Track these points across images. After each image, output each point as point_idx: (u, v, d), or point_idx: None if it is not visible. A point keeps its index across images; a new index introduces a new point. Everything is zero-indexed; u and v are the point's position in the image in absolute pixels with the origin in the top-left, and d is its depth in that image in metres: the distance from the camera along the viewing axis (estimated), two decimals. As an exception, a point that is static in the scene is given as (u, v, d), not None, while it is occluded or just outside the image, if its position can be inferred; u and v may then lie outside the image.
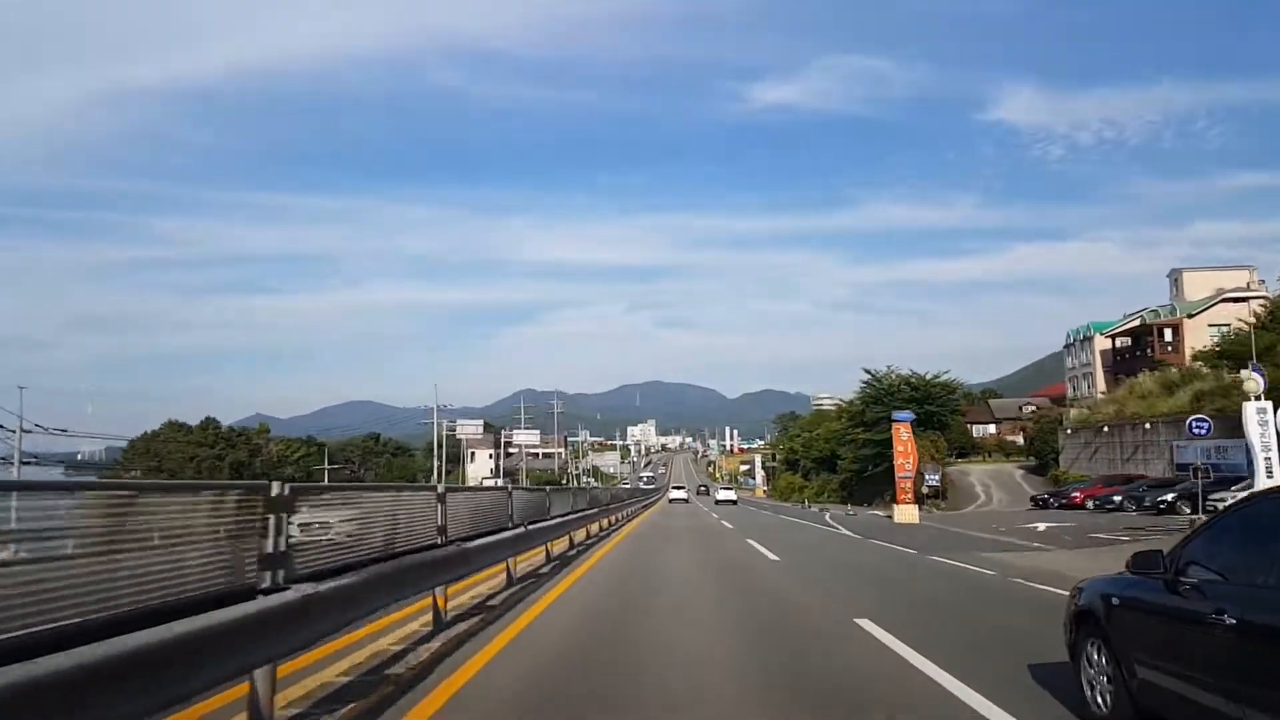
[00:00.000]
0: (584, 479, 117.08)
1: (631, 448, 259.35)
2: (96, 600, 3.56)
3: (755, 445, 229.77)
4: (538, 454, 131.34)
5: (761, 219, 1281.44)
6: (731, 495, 75.52)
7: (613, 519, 32.02)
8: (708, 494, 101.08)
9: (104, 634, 3.43)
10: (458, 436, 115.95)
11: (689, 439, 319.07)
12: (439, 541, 8.73)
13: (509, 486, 16.92)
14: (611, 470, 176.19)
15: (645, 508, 53.88)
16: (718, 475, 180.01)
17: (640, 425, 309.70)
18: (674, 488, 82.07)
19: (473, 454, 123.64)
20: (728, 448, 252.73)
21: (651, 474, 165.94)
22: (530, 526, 13.85)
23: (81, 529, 3.74)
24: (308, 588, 5.16)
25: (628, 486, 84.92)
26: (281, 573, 5.10)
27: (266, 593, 4.86)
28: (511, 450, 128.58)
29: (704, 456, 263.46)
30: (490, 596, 11.49)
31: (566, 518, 19.30)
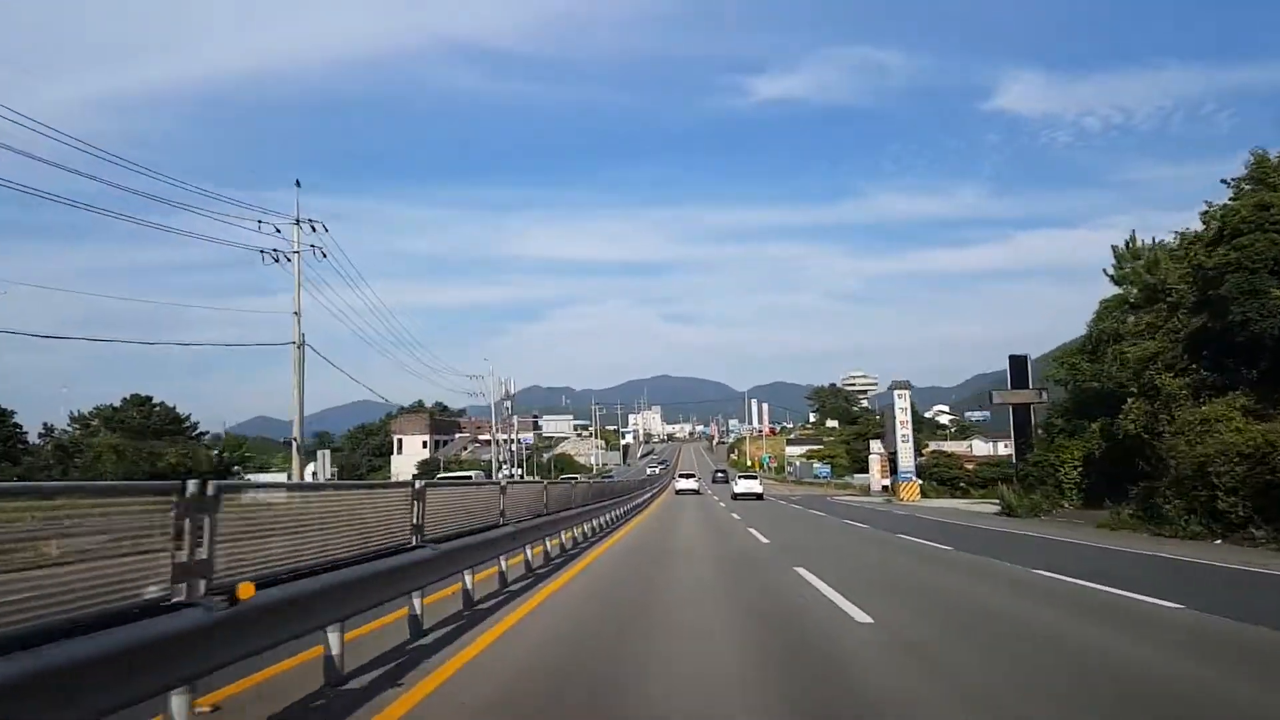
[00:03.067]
0: (510, 472, 73.67)
1: (630, 436, 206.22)
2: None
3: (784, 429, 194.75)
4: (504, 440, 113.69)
5: (767, 211, 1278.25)
6: (755, 486, 56.73)
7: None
8: (725, 482, 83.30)
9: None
10: (390, 431, 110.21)
11: (700, 427, 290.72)
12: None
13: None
14: (597, 461, 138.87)
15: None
16: (743, 462, 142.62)
17: (644, 413, 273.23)
18: (680, 476, 68.31)
19: (400, 442, 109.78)
20: (755, 429, 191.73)
21: (659, 462, 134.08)
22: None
23: None
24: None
25: (611, 480, 51.20)
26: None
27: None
28: (459, 435, 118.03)
29: (720, 442, 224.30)
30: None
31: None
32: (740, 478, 63.52)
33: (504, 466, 71.03)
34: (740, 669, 7.16)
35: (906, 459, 62.59)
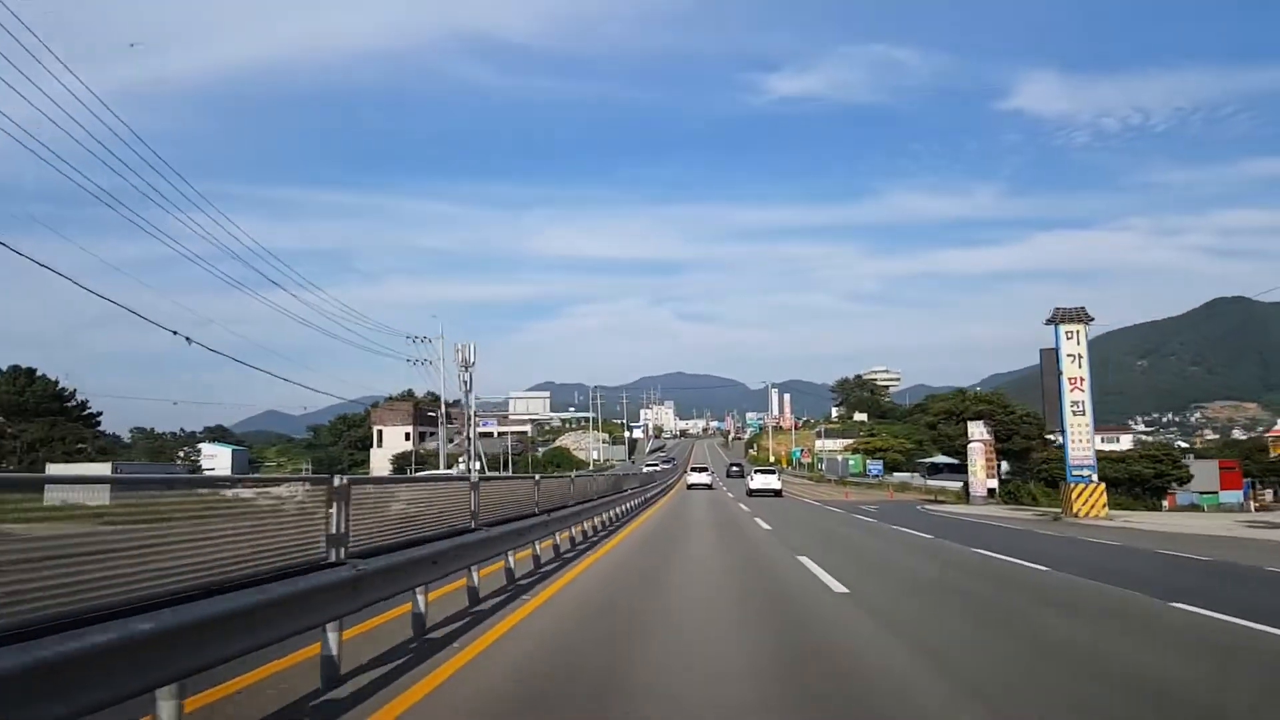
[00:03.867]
0: (468, 467, 59.02)
1: (639, 430, 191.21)
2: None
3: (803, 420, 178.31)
4: (493, 434, 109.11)
5: (784, 211, 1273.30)
6: (773, 482, 51.84)
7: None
8: (740, 476, 75.85)
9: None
10: (371, 423, 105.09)
11: (714, 423, 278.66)
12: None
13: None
14: (598, 457, 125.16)
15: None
16: (763, 458, 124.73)
17: (655, 407, 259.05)
18: (693, 469, 64.29)
19: (380, 433, 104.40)
20: (776, 422, 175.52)
21: (665, 457, 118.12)
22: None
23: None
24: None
25: (614, 473, 47.93)
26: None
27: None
28: (446, 426, 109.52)
29: (737, 438, 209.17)
30: None
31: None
32: (756, 472, 56.26)
33: (459, 461, 65.30)
34: None
35: (1082, 442, 34.81)
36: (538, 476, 14.31)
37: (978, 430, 51.00)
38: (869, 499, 53.57)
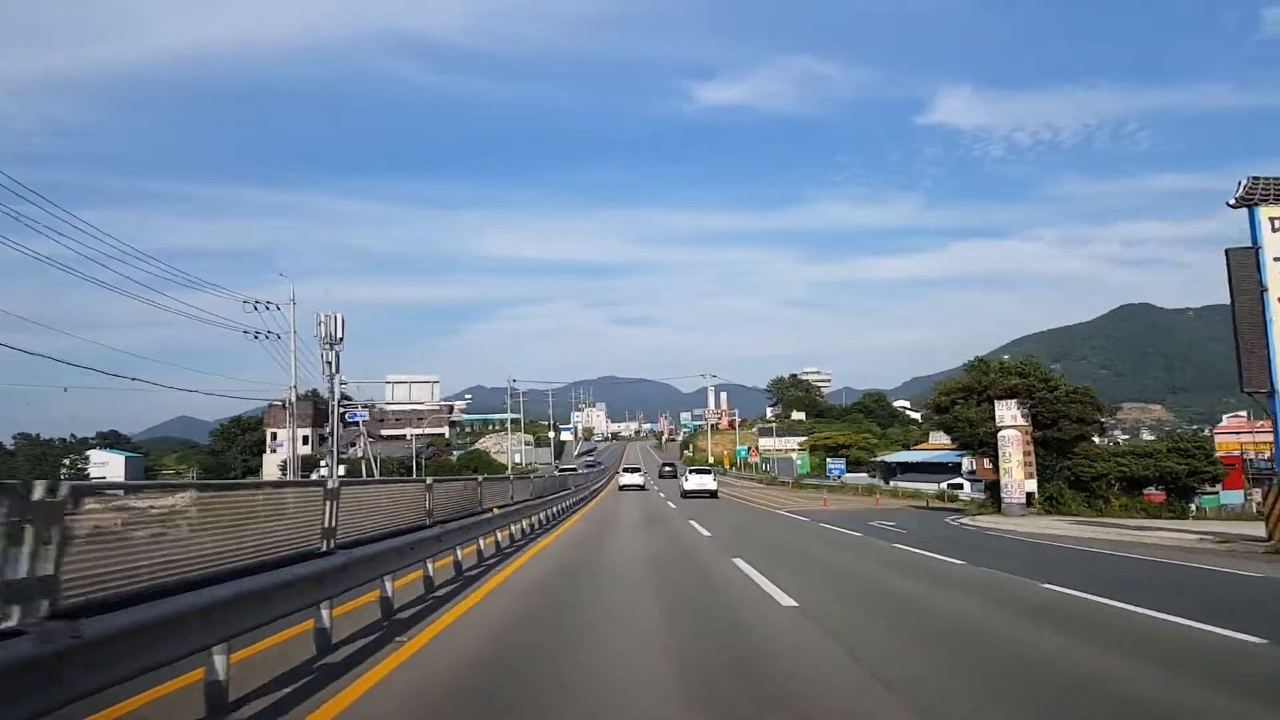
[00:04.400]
0: (327, 471, 52.65)
1: (568, 433, 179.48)
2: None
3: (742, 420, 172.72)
4: (405, 436, 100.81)
5: (718, 216, 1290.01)
6: (709, 482, 49.26)
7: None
8: (673, 477, 74.29)
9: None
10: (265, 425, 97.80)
11: (647, 425, 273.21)
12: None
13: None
14: (521, 460, 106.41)
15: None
16: (702, 458, 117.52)
17: (587, 410, 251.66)
18: (625, 470, 62.68)
19: (274, 435, 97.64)
20: (716, 418, 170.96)
21: (591, 461, 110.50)
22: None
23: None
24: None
25: (536, 478, 34.67)
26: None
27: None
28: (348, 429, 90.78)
29: (671, 439, 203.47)
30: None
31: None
32: (691, 472, 52.84)
33: (320, 467, 59.77)
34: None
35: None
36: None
37: (1010, 413, 37.11)
38: (855, 506, 45.32)
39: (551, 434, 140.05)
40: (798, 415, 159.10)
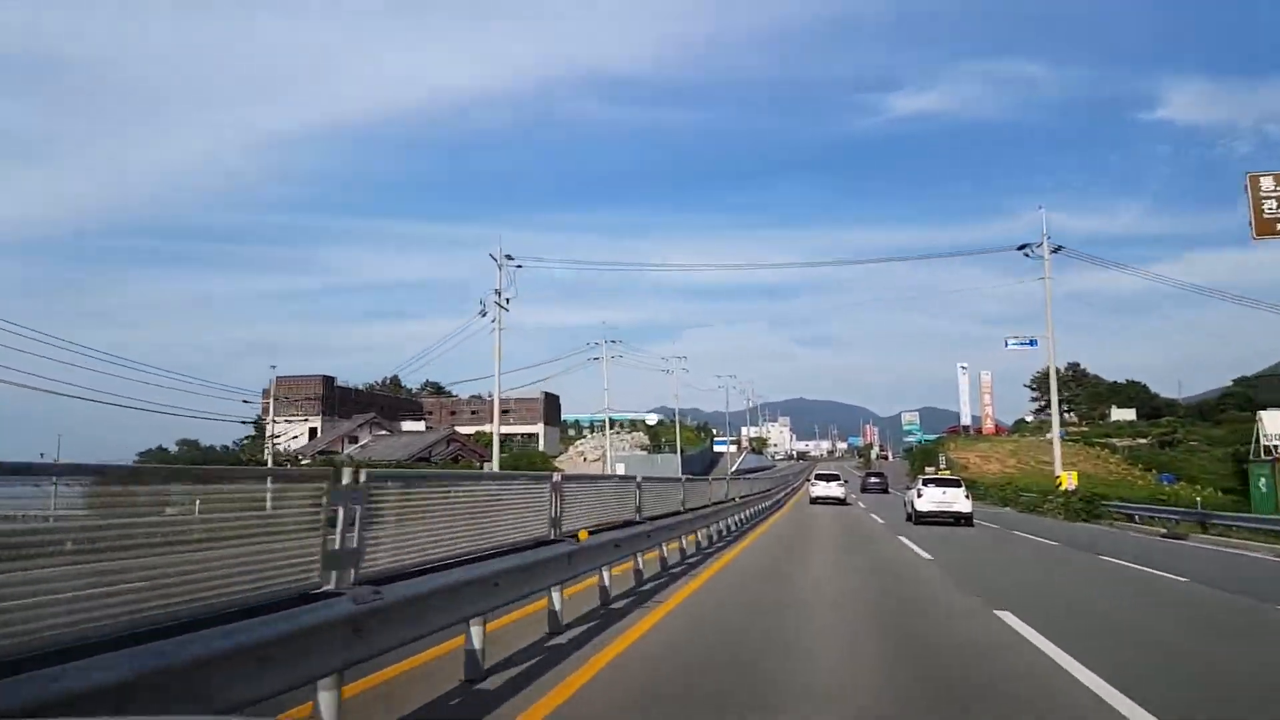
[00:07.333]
0: None
1: (726, 445, 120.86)
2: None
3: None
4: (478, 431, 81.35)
5: (907, 231, 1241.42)
6: (959, 501, 30.50)
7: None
8: (883, 490, 62.32)
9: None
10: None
11: (843, 443, 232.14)
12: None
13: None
14: (608, 469, 68.72)
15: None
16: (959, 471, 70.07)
17: (768, 425, 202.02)
18: (818, 477, 50.68)
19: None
20: (968, 425, 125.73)
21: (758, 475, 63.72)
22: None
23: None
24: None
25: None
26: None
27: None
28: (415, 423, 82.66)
29: (881, 456, 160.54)
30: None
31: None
32: (927, 484, 32.20)
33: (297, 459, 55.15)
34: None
35: None
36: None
37: None
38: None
39: (682, 440, 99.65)
40: (1120, 414, 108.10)
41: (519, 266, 44.34)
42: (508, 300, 43.62)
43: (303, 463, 54.67)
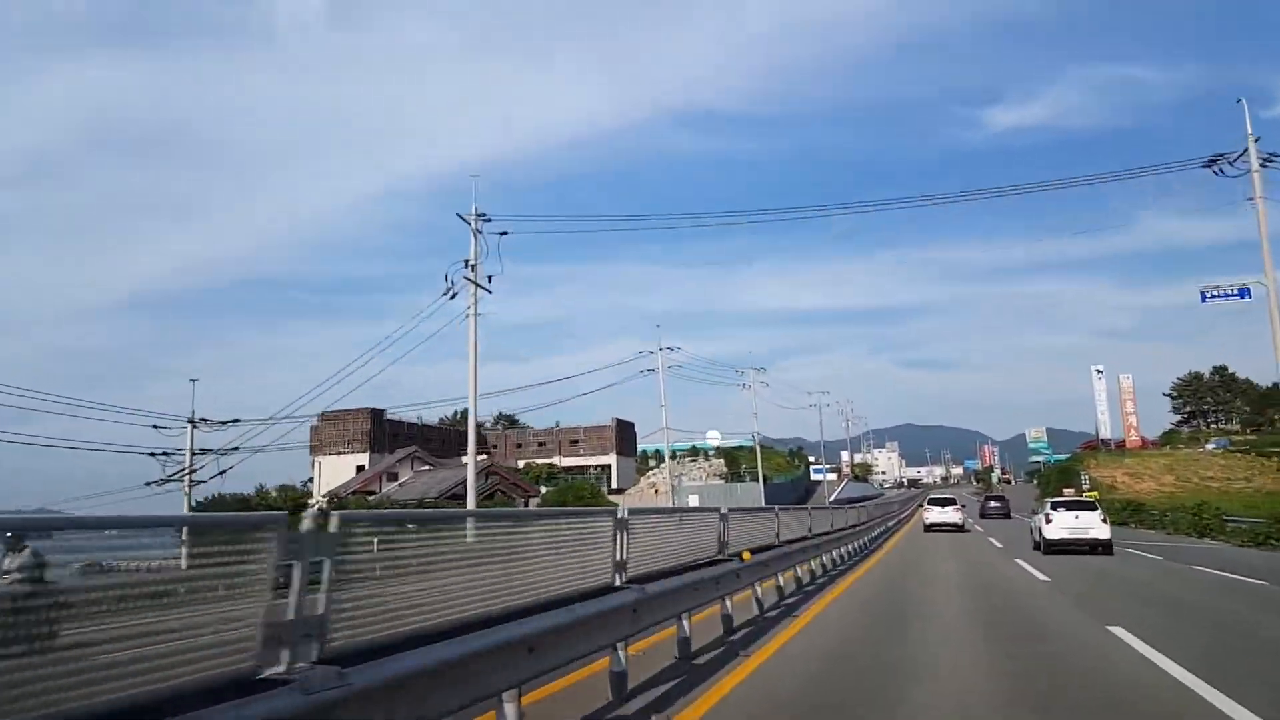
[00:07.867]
0: None
1: (826, 474, 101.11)
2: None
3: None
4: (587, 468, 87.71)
5: (1014, 247, 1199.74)
6: (1096, 525, 26.78)
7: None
8: (1004, 515, 59.15)
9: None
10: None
11: (958, 468, 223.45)
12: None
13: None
14: (673, 502, 61.49)
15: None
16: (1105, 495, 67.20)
17: (872, 450, 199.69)
18: (930, 503, 49.57)
19: (319, 465, 73.17)
20: (1108, 438, 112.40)
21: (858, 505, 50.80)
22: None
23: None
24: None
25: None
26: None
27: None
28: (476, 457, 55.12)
29: (1004, 480, 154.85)
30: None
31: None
32: (1055, 507, 28.33)
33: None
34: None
35: None
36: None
37: None
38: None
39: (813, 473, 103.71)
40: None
41: (503, 234, 30.08)
42: (489, 278, 30.27)
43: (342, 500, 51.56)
